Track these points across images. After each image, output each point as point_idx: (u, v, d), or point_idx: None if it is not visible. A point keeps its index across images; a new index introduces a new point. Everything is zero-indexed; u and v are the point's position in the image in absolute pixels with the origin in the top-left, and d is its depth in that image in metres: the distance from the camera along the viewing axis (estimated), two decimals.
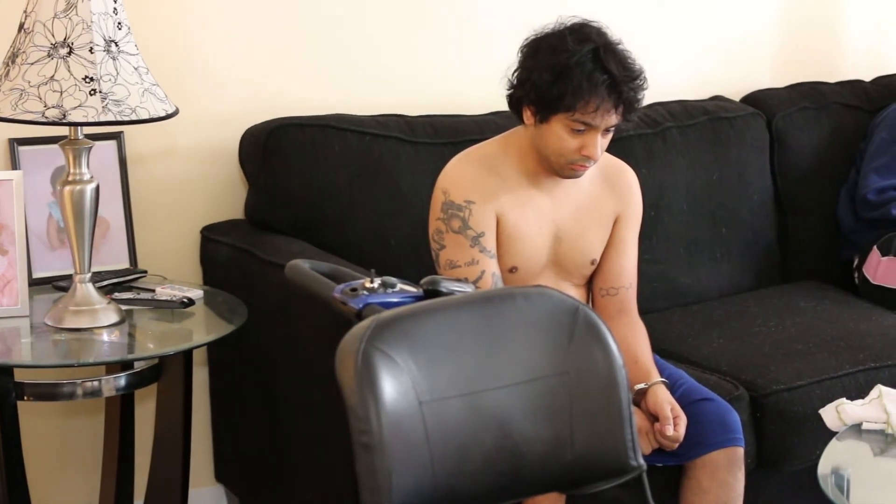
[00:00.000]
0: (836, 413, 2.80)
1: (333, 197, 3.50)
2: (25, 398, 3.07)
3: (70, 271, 3.14)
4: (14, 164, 3.36)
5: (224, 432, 3.69)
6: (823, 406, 2.85)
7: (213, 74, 3.61)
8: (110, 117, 2.91)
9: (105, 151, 3.44)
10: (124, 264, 3.48)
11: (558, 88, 2.86)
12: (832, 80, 4.39)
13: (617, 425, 2.35)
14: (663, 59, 4.13)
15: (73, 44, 2.90)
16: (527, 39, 2.98)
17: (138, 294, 3.28)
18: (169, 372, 3.24)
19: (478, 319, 2.32)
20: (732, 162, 4.01)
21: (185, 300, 3.23)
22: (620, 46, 2.92)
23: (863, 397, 2.84)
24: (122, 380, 3.15)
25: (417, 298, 2.42)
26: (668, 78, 4.09)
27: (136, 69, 2.98)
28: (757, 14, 4.42)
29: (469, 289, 2.46)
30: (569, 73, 2.85)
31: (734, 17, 4.38)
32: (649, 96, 3.01)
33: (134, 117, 2.95)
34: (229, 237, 3.53)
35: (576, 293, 3.10)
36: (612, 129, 2.94)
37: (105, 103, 2.90)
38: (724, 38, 4.36)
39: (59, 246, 3.38)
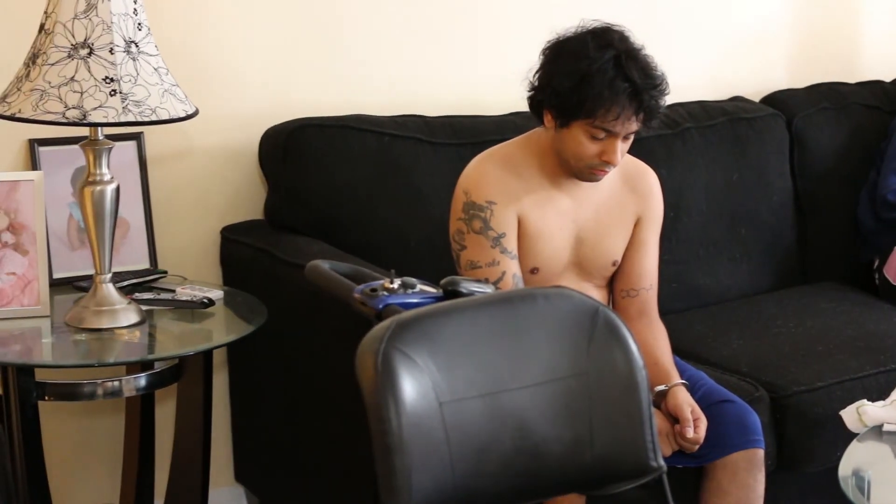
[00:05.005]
0: (857, 414, 2.80)
1: (353, 197, 3.50)
2: (46, 398, 3.08)
3: (90, 272, 3.15)
4: (34, 165, 3.37)
5: (244, 432, 3.69)
6: (844, 407, 2.85)
7: (233, 75, 3.61)
8: (130, 118, 2.92)
9: (125, 152, 3.45)
10: (144, 265, 3.48)
11: (579, 95, 2.85)
12: (852, 81, 4.39)
13: (637, 426, 2.35)
14: (683, 60, 4.13)
15: (93, 44, 2.91)
16: (549, 42, 2.97)
17: (158, 294, 3.29)
18: (189, 372, 3.25)
19: (498, 320, 2.32)
20: (752, 163, 4.01)
21: (206, 300, 3.23)
22: (643, 52, 2.91)
23: (884, 398, 2.83)
24: (142, 380, 3.15)
25: (437, 299, 2.42)
26: (687, 79, 4.09)
27: (156, 70, 2.99)
28: (776, 15, 4.42)
29: (489, 289, 2.46)
30: (590, 81, 2.84)
31: (754, 17, 4.37)
32: (669, 97, 3.00)
33: (154, 118, 2.95)
34: (249, 238, 3.53)
35: (597, 294, 3.10)
36: (633, 134, 2.94)
37: (125, 104, 2.91)
38: (744, 39, 4.36)
39: (80, 246, 3.39)
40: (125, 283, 3.31)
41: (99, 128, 3.03)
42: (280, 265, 3.34)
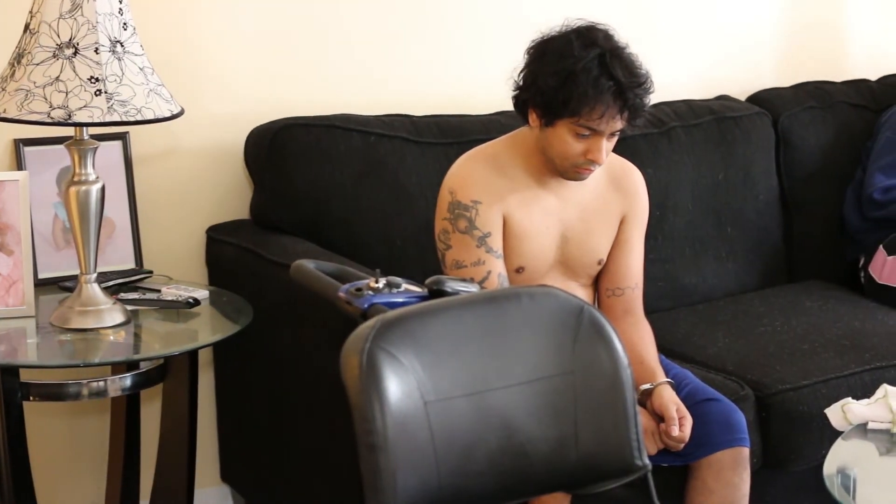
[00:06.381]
0: (842, 413, 2.80)
1: (339, 197, 3.50)
2: (31, 398, 3.07)
3: (76, 272, 3.14)
4: (20, 165, 3.36)
5: (230, 432, 3.69)
6: (829, 406, 2.85)
7: (219, 75, 3.61)
8: (116, 118, 2.91)
9: (110, 152, 3.44)
10: (130, 264, 3.48)
11: (564, 94, 2.85)
12: (838, 80, 4.39)
13: (622, 425, 2.35)
14: (669, 59, 4.14)
15: (78, 44, 2.91)
16: (533, 41, 2.97)
17: (144, 294, 3.28)
18: (174, 372, 3.24)
19: (483, 319, 2.32)
20: (738, 161, 4.01)
21: (191, 300, 3.23)
22: (627, 51, 2.91)
23: (868, 397, 2.83)
24: (127, 380, 3.15)
25: (422, 298, 2.42)
26: (673, 77, 4.10)
27: (141, 69, 2.98)
28: (763, 14, 4.42)
29: (474, 289, 2.46)
30: (574, 79, 2.84)
31: (740, 17, 4.38)
32: (655, 96, 3.01)
33: (139, 118, 2.95)
34: (235, 237, 3.53)
35: (583, 293, 3.10)
36: (618, 132, 2.94)
37: (110, 104, 2.91)
38: (730, 38, 4.36)
39: (65, 246, 3.38)
40: (110, 283, 3.30)
41: (84, 128, 3.03)
42: (266, 265, 3.33)
